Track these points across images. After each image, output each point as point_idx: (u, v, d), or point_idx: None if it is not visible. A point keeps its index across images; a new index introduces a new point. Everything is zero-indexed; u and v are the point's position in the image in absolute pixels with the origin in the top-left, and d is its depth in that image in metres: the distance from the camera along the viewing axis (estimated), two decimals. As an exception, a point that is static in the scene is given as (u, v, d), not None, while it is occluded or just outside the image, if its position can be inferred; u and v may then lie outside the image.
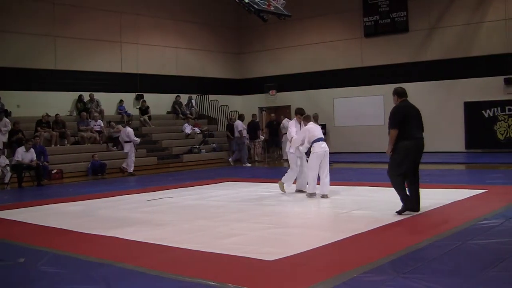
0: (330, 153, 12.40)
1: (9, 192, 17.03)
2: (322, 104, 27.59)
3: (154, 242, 8.13)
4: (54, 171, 19.61)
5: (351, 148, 26.69)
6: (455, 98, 24.38)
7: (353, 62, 27.57)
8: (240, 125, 23.73)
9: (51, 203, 13.14)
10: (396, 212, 9.54)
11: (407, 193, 9.60)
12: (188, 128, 26.42)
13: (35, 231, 9.73)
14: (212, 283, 5.91)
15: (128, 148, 21.11)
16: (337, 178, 16.51)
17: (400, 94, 10.11)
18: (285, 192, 13.22)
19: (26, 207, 12.76)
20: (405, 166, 9.46)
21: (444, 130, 24.26)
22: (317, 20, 28.77)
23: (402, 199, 9.56)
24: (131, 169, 20.98)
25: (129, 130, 21.48)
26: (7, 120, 19.94)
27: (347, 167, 20.50)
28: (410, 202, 9.56)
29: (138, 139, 21.60)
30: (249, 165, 23.34)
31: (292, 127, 13.27)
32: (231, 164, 23.73)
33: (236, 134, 23.72)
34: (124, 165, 21.35)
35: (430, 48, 25.46)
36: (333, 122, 27.68)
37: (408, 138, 9.44)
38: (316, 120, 20.74)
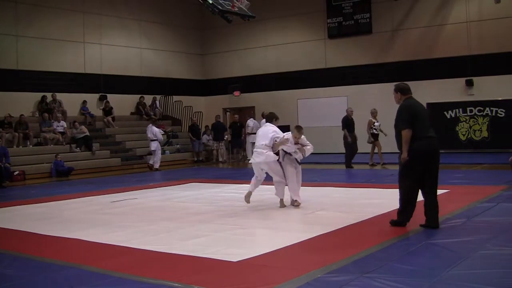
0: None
1: (-31, 194, 16.79)
2: (286, 105, 27.66)
3: (117, 244, 8.08)
4: (16, 172, 19.37)
5: (315, 149, 26.68)
6: (418, 99, 24.30)
7: (316, 63, 27.69)
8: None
9: (12, 205, 12.96)
10: (390, 222, 8.47)
11: (413, 206, 8.27)
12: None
13: (-4, 233, 9.61)
14: (177, 284, 5.90)
15: (154, 146, 22.33)
16: (301, 179, 16.57)
17: (404, 90, 8.60)
18: (285, 206, 11.15)
19: (-13, 209, 12.58)
20: (418, 171, 8.15)
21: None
22: (281, 21, 28.82)
23: (400, 211, 8.33)
24: (157, 165, 22.36)
25: (155, 129, 22.67)
26: None
27: (311, 168, 20.58)
28: (408, 217, 8.30)
29: (162, 138, 23.13)
30: None
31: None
32: None
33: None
34: (150, 161, 22.62)
35: (393, 50, 25.71)
36: (297, 123, 27.73)
37: (419, 137, 8.12)
38: (374, 116, 20.34)
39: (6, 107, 21.75)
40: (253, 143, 24.34)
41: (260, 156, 11.05)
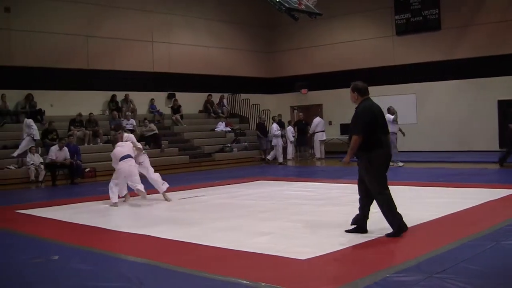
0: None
1: (43, 190, 17.27)
2: (353, 103, 27.48)
3: (185, 240, 8.18)
4: (88, 169, 19.79)
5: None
6: (488, 97, 24.09)
7: (384, 61, 27.38)
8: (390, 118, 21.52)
9: (84, 201, 13.29)
10: (387, 235, 7.86)
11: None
12: (222, 126, 26.59)
13: (69, 228, 9.85)
14: (245, 281, 5.93)
15: (275, 141, 24.18)
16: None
17: (361, 91, 8.41)
18: None
19: (60, 205, 12.90)
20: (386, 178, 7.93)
21: (477, 129, 23.99)
22: (348, 18, 28.68)
23: (396, 221, 7.86)
24: (280, 159, 24.04)
25: (275, 126, 24.44)
26: (30, 120, 19.69)
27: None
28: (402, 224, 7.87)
29: (279, 133, 24.49)
30: (401, 164, 20.06)
31: None
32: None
33: (392, 129, 20.98)
34: (268, 157, 24.44)
35: (463, 46, 25.17)
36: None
37: (381, 146, 7.88)
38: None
39: (77, 106, 22.31)
40: (321, 141, 24.58)
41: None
